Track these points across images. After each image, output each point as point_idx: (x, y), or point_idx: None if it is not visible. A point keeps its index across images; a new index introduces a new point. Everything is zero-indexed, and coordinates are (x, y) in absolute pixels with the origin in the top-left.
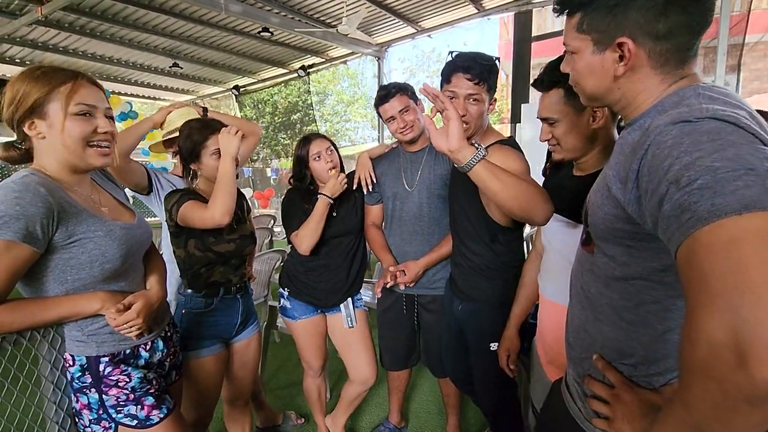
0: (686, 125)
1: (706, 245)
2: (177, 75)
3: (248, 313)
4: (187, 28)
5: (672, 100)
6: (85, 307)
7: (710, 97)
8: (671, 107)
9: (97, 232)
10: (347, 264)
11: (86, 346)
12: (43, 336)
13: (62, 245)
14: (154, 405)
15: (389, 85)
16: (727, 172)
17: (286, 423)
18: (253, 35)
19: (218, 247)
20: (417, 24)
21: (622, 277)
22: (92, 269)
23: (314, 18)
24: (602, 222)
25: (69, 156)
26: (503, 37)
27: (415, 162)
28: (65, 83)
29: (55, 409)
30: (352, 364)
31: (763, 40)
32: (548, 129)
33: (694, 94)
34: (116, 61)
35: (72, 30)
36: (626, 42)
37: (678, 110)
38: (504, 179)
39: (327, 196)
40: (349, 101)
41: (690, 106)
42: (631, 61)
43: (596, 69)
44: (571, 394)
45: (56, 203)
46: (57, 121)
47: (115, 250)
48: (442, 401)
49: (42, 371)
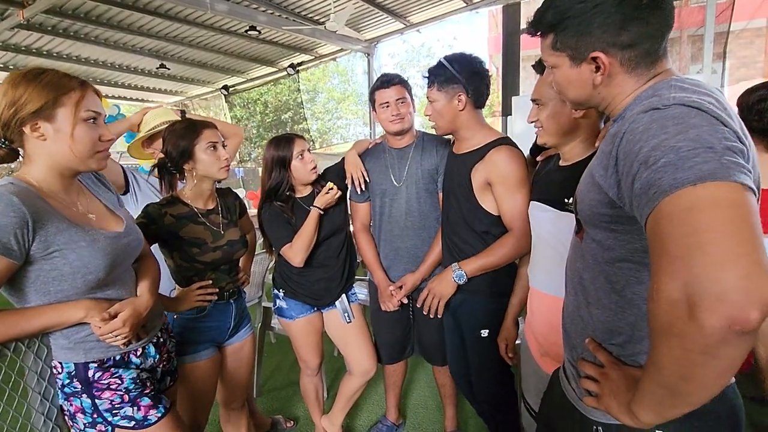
0: (656, 112)
1: (667, 214)
2: (164, 76)
3: (241, 316)
4: (173, 28)
5: (647, 94)
6: (69, 316)
7: (680, 87)
8: (646, 99)
9: (80, 242)
10: (341, 262)
11: (73, 353)
12: (28, 347)
13: (42, 256)
14: (150, 405)
15: (391, 74)
16: (689, 150)
17: (276, 428)
18: (241, 34)
19: (203, 257)
20: (405, 19)
21: (608, 261)
22: (75, 281)
23: (302, 15)
24: (588, 208)
25: (71, 160)
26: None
27: (402, 158)
28: (75, 90)
29: (44, 420)
30: (352, 357)
31: (748, 27)
32: (536, 111)
33: (666, 86)
34: (102, 64)
35: (55, 33)
36: (599, 56)
37: (650, 100)
38: (487, 266)
39: (319, 209)
40: (339, 98)
41: (661, 96)
42: (606, 71)
43: (575, 80)
44: (567, 378)
45: (31, 212)
46: (66, 126)
47: (98, 261)
48: (439, 396)
49: (29, 382)
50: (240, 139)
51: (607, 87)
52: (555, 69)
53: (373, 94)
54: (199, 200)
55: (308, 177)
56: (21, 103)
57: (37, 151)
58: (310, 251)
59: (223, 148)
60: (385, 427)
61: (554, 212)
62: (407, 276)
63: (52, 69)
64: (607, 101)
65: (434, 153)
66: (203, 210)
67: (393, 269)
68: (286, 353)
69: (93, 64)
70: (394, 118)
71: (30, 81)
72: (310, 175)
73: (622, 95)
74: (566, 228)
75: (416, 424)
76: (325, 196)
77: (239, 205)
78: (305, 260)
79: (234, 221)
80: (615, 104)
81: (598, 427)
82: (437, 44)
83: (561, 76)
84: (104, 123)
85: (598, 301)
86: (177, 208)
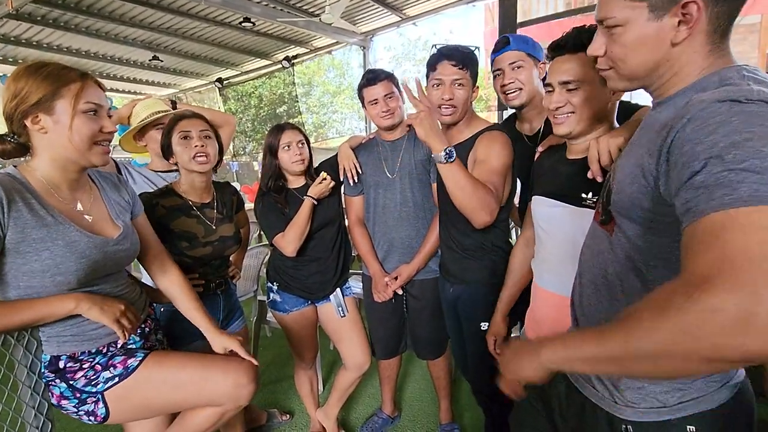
0: (735, 105)
1: (743, 225)
2: (157, 68)
3: (231, 309)
4: (166, 19)
5: (713, 80)
6: (59, 308)
7: (756, 80)
8: (712, 87)
9: (57, 241)
10: (334, 256)
11: (48, 345)
12: (17, 340)
13: (15, 247)
14: (125, 358)
15: (377, 69)
16: None
17: (271, 421)
18: (235, 26)
19: (193, 251)
20: (401, 12)
21: (641, 258)
22: (43, 279)
23: (296, 7)
24: (629, 200)
25: (72, 153)
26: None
27: (394, 150)
28: (75, 81)
29: (35, 414)
30: (346, 352)
31: (742, 22)
32: (564, 95)
33: (738, 75)
34: (93, 55)
35: (45, 23)
36: (696, 1)
37: (725, 88)
38: (462, 184)
39: (313, 198)
40: (335, 92)
41: (738, 86)
42: (695, 24)
43: (650, 39)
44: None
45: (9, 202)
46: (65, 118)
47: (70, 263)
48: (434, 389)
49: (18, 376)
50: (232, 128)
51: (683, 50)
52: (624, 27)
53: (361, 92)
54: (194, 193)
55: (291, 168)
56: (22, 96)
57: (40, 144)
58: (302, 241)
59: (205, 138)
60: (380, 420)
61: (570, 208)
62: (402, 267)
63: (55, 62)
64: (671, 73)
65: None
66: (198, 203)
67: (388, 261)
68: (281, 347)
69: (84, 55)
70: (384, 114)
71: (31, 74)
72: (294, 167)
73: (688, 67)
74: (583, 225)
75: (412, 417)
76: (319, 185)
77: (236, 200)
78: (298, 251)
79: (229, 216)
80: (675, 80)
81: (628, 426)
82: (433, 38)
83: (632, 35)
84: (107, 116)
85: (625, 298)
86: (170, 199)
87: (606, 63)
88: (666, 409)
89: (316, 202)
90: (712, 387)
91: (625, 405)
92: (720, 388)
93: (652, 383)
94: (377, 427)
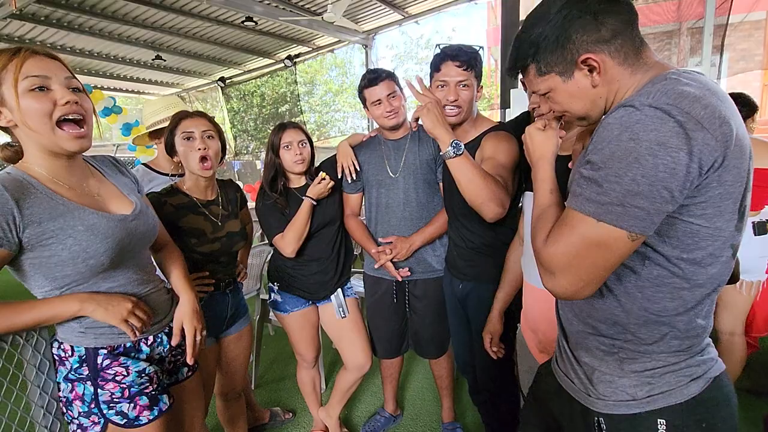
0: (626, 111)
1: (569, 223)
2: (160, 68)
3: (238, 307)
4: (168, 19)
5: (647, 89)
6: (62, 310)
7: (677, 81)
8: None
9: (77, 227)
10: (335, 256)
11: (84, 337)
12: (26, 340)
13: (38, 243)
14: (146, 405)
15: (378, 69)
16: (615, 181)
17: (274, 420)
18: (237, 25)
19: (202, 248)
20: (404, 10)
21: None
22: (76, 265)
23: (299, 6)
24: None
25: (40, 139)
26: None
27: (397, 149)
28: (11, 60)
29: (44, 413)
30: (346, 352)
31: (747, 19)
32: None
33: (661, 79)
34: (97, 55)
35: (49, 23)
36: (589, 56)
37: (637, 94)
38: (471, 177)
39: (312, 199)
40: (337, 91)
41: (648, 92)
42: (601, 68)
43: (575, 92)
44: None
45: (16, 199)
46: (13, 103)
47: (97, 245)
48: (436, 388)
49: (27, 375)
50: None
51: (607, 84)
52: (551, 93)
53: (363, 93)
54: (199, 191)
55: (292, 168)
56: None
57: (21, 138)
58: (301, 242)
59: (208, 139)
60: (383, 419)
61: None
62: (393, 237)
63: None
64: (611, 97)
65: (431, 143)
66: (203, 201)
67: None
68: (284, 345)
69: (87, 55)
70: (388, 114)
71: None
72: (294, 167)
73: (624, 88)
74: None
75: (414, 415)
76: (317, 186)
77: (240, 197)
78: (298, 252)
79: (235, 213)
80: (618, 97)
81: (600, 417)
82: (436, 36)
83: (559, 95)
84: (63, 87)
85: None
86: (177, 198)
87: (559, 113)
88: (635, 402)
89: (316, 202)
90: (681, 381)
91: (597, 398)
92: (690, 382)
93: (621, 377)
94: (379, 426)
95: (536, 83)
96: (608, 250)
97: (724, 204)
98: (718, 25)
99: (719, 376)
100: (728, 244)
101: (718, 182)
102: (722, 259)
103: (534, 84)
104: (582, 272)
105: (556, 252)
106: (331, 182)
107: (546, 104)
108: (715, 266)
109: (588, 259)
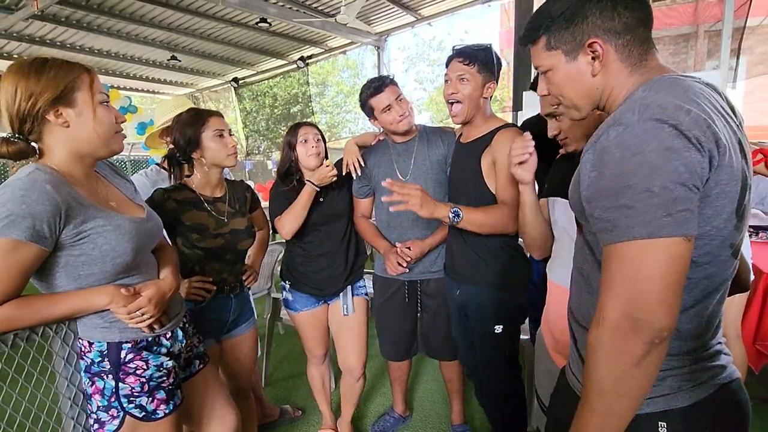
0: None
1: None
2: (175, 68)
3: (242, 310)
4: (184, 20)
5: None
6: (94, 302)
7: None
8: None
9: (106, 227)
10: (343, 250)
11: (108, 331)
12: (55, 332)
13: (71, 242)
14: (163, 399)
15: (378, 77)
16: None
17: (284, 417)
18: (251, 26)
19: (204, 243)
20: (417, 12)
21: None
22: (104, 264)
23: (312, 7)
24: (575, 204)
25: (95, 142)
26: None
27: (406, 151)
28: (84, 74)
29: (71, 405)
30: (341, 353)
31: (766, 22)
32: (555, 124)
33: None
34: (114, 55)
35: (69, 24)
36: (596, 41)
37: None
38: (480, 223)
39: (314, 184)
40: (348, 92)
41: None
42: (603, 58)
43: (574, 75)
44: (572, 370)
45: (63, 201)
46: (87, 109)
47: (125, 245)
48: (446, 389)
49: (56, 367)
50: None
51: (605, 77)
52: (551, 72)
53: (368, 103)
54: (207, 188)
55: (307, 162)
56: (39, 92)
57: (59, 139)
58: (299, 226)
59: (230, 136)
60: (392, 419)
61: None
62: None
63: (51, 57)
64: (606, 94)
65: (440, 143)
66: (210, 197)
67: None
68: (294, 344)
69: (105, 55)
70: (401, 118)
71: (39, 70)
72: (309, 160)
73: (618, 88)
74: None
75: (423, 417)
76: (320, 170)
77: (251, 198)
78: (307, 245)
79: (242, 211)
80: (612, 98)
81: None
82: (448, 38)
83: (558, 76)
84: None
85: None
86: (182, 193)
87: (553, 101)
88: None
89: (318, 188)
90: (684, 385)
91: None
92: (693, 387)
93: None
94: (389, 426)
95: (542, 57)
96: (679, 261)
97: (721, 204)
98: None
99: (729, 384)
100: (727, 244)
101: (714, 182)
102: (721, 258)
103: (539, 58)
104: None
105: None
106: (334, 170)
107: (544, 84)
108: (713, 265)
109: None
